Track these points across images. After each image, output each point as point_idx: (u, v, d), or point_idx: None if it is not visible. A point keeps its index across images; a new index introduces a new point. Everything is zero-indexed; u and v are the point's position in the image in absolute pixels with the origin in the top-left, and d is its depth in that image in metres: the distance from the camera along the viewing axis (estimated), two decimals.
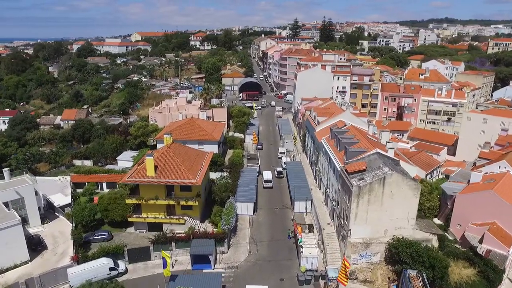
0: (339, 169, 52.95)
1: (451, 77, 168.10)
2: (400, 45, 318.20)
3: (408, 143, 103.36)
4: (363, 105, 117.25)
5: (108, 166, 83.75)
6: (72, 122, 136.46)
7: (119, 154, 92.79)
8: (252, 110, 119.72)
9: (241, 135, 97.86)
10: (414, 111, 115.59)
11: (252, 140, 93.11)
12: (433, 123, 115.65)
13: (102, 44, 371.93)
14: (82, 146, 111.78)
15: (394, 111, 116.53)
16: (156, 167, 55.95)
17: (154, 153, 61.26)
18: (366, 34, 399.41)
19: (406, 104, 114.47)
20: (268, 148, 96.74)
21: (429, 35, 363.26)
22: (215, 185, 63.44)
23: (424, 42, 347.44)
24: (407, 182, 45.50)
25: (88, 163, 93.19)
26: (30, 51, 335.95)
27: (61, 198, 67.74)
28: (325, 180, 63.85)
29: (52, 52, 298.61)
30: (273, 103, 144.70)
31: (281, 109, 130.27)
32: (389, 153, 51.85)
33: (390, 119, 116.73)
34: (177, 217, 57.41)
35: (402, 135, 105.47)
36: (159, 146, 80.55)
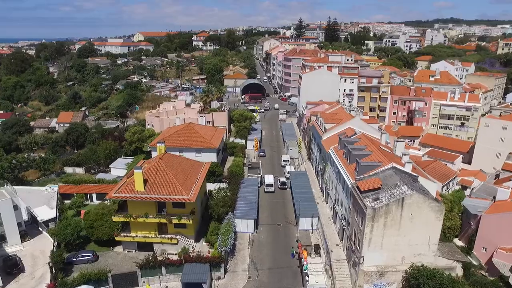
0: (349, 185, 47.20)
1: (461, 78, 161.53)
2: (406, 46, 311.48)
3: (419, 150, 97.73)
4: (371, 109, 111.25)
5: (100, 175, 78.32)
6: (68, 125, 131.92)
7: (113, 161, 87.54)
8: (255, 114, 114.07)
9: (243, 141, 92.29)
10: (425, 116, 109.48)
11: (253, 146, 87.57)
12: (446, 128, 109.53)
13: (104, 44, 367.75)
14: (76, 151, 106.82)
15: (404, 116, 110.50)
16: (146, 181, 50.45)
17: (145, 164, 55.81)
18: (371, 34, 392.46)
19: (417, 108, 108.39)
20: (271, 155, 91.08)
21: (436, 35, 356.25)
22: (212, 199, 57.89)
23: (431, 43, 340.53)
24: (429, 204, 39.67)
25: (80, 170, 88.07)
26: (34, 51, 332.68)
27: (46, 211, 62.39)
28: (333, 194, 58.10)
29: (54, 53, 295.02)
30: (276, 105, 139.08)
31: (285, 112, 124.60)
32: (406, 168, 46.01)
33: (400, 124, 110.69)
34: (169, 236, 51.86)
35: (413, 141, 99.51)
36: (154, 154, 75.25)
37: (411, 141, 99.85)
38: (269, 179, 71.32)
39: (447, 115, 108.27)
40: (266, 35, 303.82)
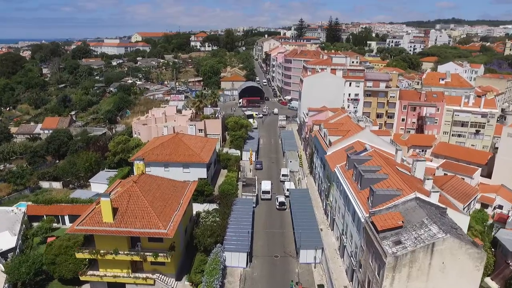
0: (362, 219, 38.61)
1: (470, 80, 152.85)
2: (410, 46, 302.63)
3: (431, 160, 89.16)
4: (378, 115, 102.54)
5: (76, 193, 69.66)
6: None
7: (95, 174, 79.03)
8: (252, 121, 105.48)
9: (238, 152, 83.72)
10: (437, 122, 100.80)
11: (248, 159, 79.11)
12: (459, 135, 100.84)
13: (100, 45, 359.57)
14: (58, 162, 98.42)
15: (413, 122, 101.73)
16: (116, 210, 41.93)
17: (118, 187, 47.32)
18: (373, 35, 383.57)
19: (428, 114, 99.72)
20: (269, 167, 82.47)
21: (440, 36, 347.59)
22: (199, 227, 49.35)
23: (435, 43, 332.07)
24: (467, 250, 31.08)
25: (57, 185, 79.51)
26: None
27: (7, 239, 54.00)
28: (339, 223, 49.48)
29: (49, 53, 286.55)
30: (276, 110, 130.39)
31: (285, 118, 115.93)
32: (432, 198, 37.42)
33: (409, 132, 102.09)
34: (145, 275, 43.30)
35: (425, 151, 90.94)
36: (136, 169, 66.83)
37: (422, 151, 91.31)
38: (265, 185, 67.11)
39: (461, 122, 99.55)
40: (266, 36, 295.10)
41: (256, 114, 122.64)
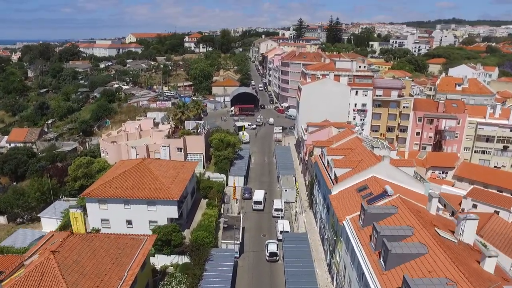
0: None
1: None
2: (415, 47, 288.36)
3: (453, 184, 75.07)
4: (389, 129, 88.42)
5: (15, 235, 55.45)
6: (21, 144, 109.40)
7: (49, 204, 64.80)
8: (242, 134, 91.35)
9: (223, 177, 69.58)
10: (457, 137, 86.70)
11: (232, 193, 64.71)
12: (483, 152, 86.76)
13: (92, 46, 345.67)
14: (15, 184, 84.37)
15: (430, 137, 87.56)
16: None
17: (37, 255, 33.11)
18: (374, 35, 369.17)
19: (447, 128, 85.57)
20: None
21: (445, 36, 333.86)
22: None
23: (440, 44, 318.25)
24: None
25: (1, 219, 65.30)
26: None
27: None
28: None
29: (38, 55, 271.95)
30: (271, 120, 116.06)
31: (281, 129, 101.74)
32: None
33: (425, 148, 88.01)
34: None
35: (446, 173, 76.81)
36: (89, 207, 52.73)
37: (442, 172, 77.21)
38: (258, 195, 63.03)
39: (486, 136, 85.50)
40: (263, 36, 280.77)
41: (248, 125, 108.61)
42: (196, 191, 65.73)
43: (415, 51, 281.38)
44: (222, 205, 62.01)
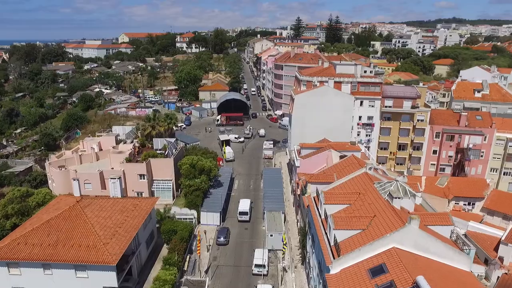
0: None
1: None
2: (419, 47, 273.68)
3: (482, 220, 60.17)
4: (401, 147, 73.61)
5: None
6: None
7: None
8: (224, 153, 76.55)
9: (193, 214, 54.76)
10: (483, 157, 71.92)
11: (197, 246, 49.48)
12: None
13: (81, 46, 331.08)
14: None
15: (450, 157, 72.65)
16: None
17: None
18: (376, 34, 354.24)
19: (470, 146, 70.78)
20: (240, 238, 53.39)
21: (450, 35, 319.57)
22: None
23: (445, 43, 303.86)
24: None
25: None
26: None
27: None
28: None
29: (24, 56, 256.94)
30: (262, 131, 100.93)
31: (272, 144, 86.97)
32: None
33: (443, 169, 73.15)
34: None
35: (473, 204, 61.95)
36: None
37: (469, 204, 62.33)
38: (243, 205, 57.64)
39: None
40: (259, 36, 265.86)
41: (235, 138, 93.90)
42: (157, 233, 51.21)
43: (419, 51, 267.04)
44: (188, 257, 47.21)
